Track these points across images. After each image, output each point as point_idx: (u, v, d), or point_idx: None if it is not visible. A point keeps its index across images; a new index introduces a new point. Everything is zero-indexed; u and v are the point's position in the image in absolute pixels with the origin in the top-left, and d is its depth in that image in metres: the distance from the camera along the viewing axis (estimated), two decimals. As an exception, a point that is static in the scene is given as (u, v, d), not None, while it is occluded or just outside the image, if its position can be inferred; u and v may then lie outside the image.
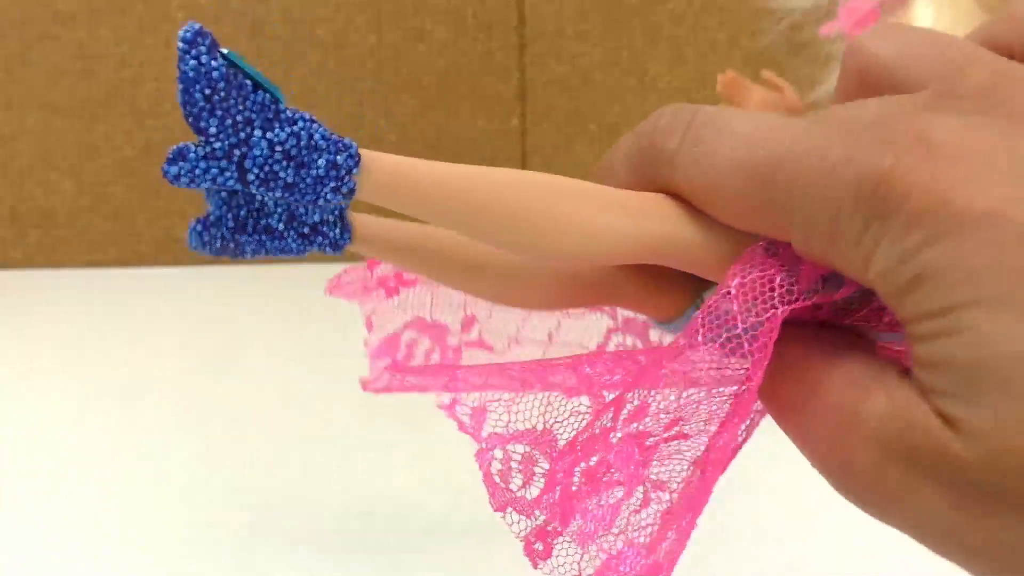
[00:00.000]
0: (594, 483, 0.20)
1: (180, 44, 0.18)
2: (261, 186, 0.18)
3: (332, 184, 0.19)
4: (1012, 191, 0.16)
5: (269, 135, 0.18)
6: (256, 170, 0.18)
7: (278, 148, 0.18)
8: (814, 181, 0.18)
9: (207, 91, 0.18)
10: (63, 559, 0.41)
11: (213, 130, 0.18)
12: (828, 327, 0.19)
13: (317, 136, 0.19)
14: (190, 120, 0.18)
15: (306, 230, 0.20)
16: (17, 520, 0.44)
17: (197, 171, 0.18)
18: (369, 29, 0.88)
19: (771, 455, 0.26)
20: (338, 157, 0.19)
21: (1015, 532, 0.15)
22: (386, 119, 0.90)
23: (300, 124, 0.19)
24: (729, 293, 0.19)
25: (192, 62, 0.18)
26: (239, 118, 0.18)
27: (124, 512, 0.45)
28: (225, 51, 0.19)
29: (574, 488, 0.20)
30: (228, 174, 0.18)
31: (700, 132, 0.20)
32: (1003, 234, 0.16)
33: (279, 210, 0.20)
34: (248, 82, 0.19)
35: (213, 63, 0.18)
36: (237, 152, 0.18)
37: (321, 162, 0.19)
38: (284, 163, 0.18)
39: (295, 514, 0.45)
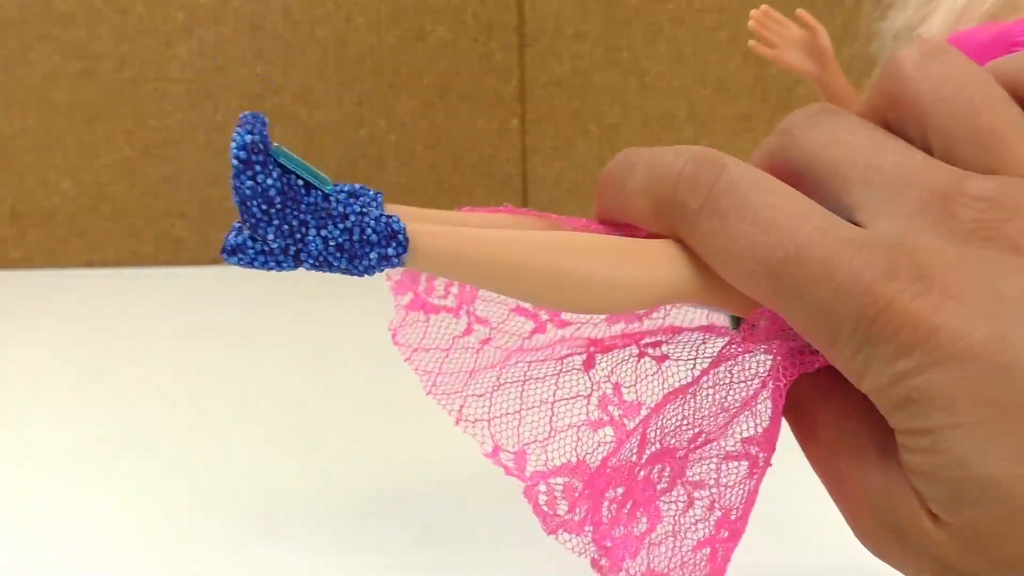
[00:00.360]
0: (619, 511, 0.23)
1: (234, 162, 0.19)
2: (315, 270, 0.20)
3: (381, 269, 0.20)
4: (993, 329, 0.18)
5: (323, 232, 0.20)
6: (311, 261, 0.20)
7: (332, 243, 0.20)
8: (820, 294, 0.20)
9: (264, 206, 0.19)
10: (63, 559, 0.41)
11: (271, 237, 0.20)
12: (849, 406, 0.22)
13: (368, 231, 0.20)
14: (247, 227, 0.20)
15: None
16: (17, 521, 0.44)
17: (256, 263, 0.20)
18: (369, 29, 0.88)
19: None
20: (388, 249, 0.20)
21: None
22: (386, 119, 0.90)
23: (352, 219, 0.20)
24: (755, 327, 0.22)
25: (249, 183, 0.19)
26: (295, 222, 0.20)
27: (124, 512, 0.45)
28: (276, 151, 0.20)
29: (604, 514, 0.23)
30: (285, 265, 0.20)
31: (722, 203, 0.21)
32: (982, 369, 0.18)
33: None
34: (300, 182, 0.20)
35: (268, 181, 0.19)
36: (293, 248, 0.20)
37: (373, 255, 0.20)
38: (337, 255, 0.20)
39: (295, 514, 0.45)
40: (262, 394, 0.59)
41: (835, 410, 0.22)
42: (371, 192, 0.22)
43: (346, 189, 0.22)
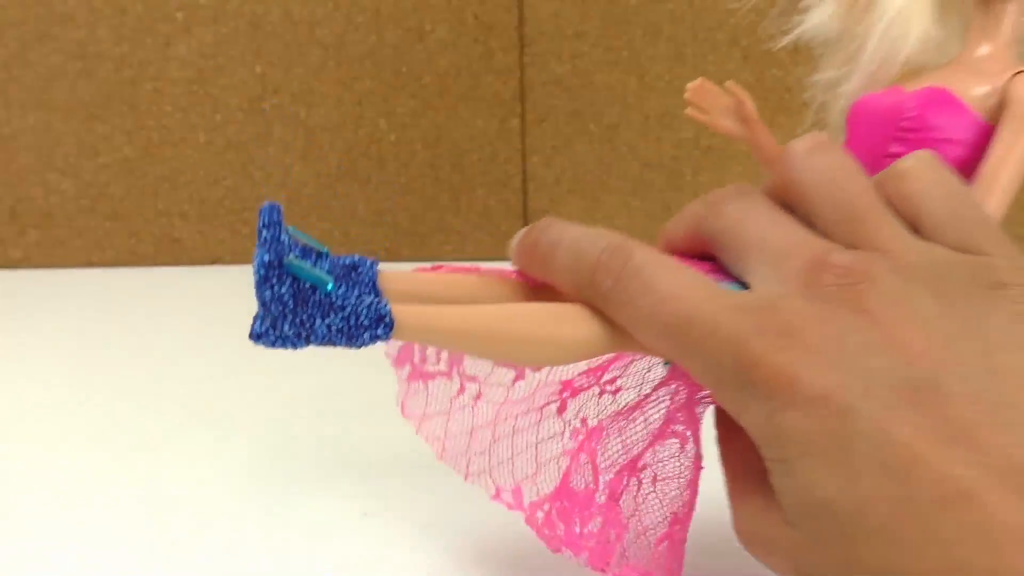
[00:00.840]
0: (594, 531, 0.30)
1: (255, 277, 0.26)
2: (322, 346, 0.26)
3: (374, 343, 0.27)
4: (838, 378, 0.23)
5: (327, 321, 0.26)
6: (318, 342, 0.26)
7: (334, 328, 0.26)
8: (708, 348, 0.25)
9: (280, 308, 0.26)
10: (63, 558, 0.41)
11: (287, 328, 0.26)
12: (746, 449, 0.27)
13: (362, 317, 0.26)
14: (268, 321, 0.26)
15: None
16: (17, 521, 0.44)
17: (276, 344, 0.26)
18: (369, 29, 0.88)
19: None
20: (378, 330, 0.26)
21: None
22: (386, 119, 0.90)
23: (348, 309, 0.26)
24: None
25: (267, 292, 0.26)
26: (304, 316, 0.26)
27: (124, 511, 0.45)
28: (288, 264, 0.26)
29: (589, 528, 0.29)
30: (299, 345, 0.26)
31: (629, 284, 0.27)
32: (827, 410, 0.23)
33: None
34: (308, 286, 0.26)
35: (283, 290, 0.25)
36: (304, 334, 0.26)
37: (366, 335, 0.26)
38: (339, 336, 0.26)
39: (295, 514, 0.45)
40: (262, 394, 0.59)
41: (740, 441, 0.26)
42: (368, 261, 0.29)
43: (346, 262, 0.29)
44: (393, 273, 0.30)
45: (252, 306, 0.26)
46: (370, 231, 0.92)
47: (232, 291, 0.83)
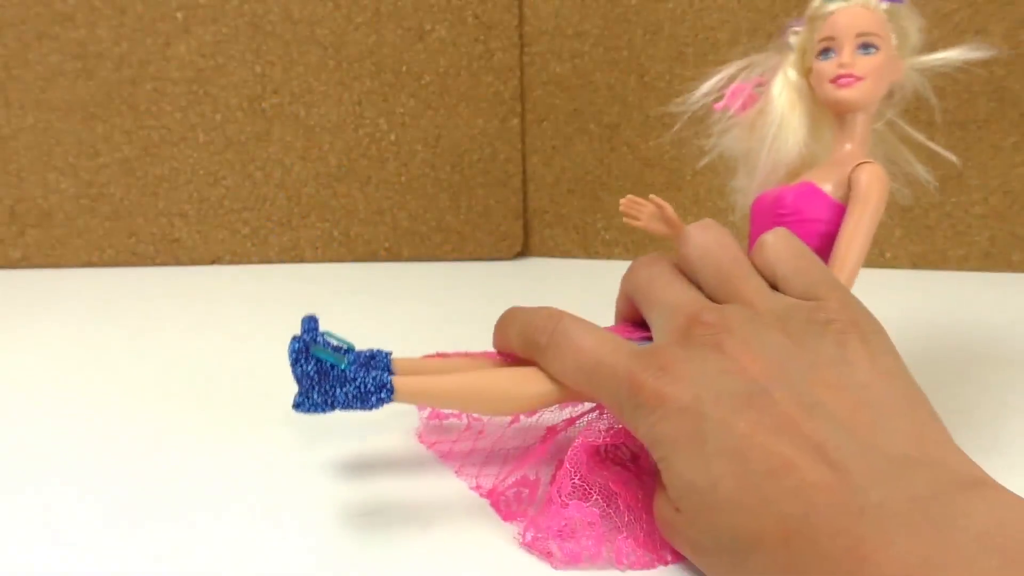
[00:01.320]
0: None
1: (289, 359, 0.38)
2: (343, 410, 0.37)
3: (379, 406, 0.38)
4: (696, 393, 0.32)
5: (344, 390, 0.37)
6: (339, 406, 0.37)
7: (349, 395, 0.37)
8: (611, 383, 0.35)
9: (309, 382, 0.37)
10: (62, 557, 0.41)
11: (316, 397, 0.37)
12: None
13: (369, 386, 0.37)
14: (302, 393, 0.38)
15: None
16: (17, 521, 0.44)
17: (309, 411, 0.37)
18: (369, 28, 0.88)
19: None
20: (382, 395, 0.37)
21: (713, 560, 0.32)
22: (386, 118, 0.90)
23: (358, 381, 0.37)
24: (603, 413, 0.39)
25: (299, 370, 0.37)
26: (327, 387, 0.37)
27: (123, 510, 0.45)
28: (315, 350, 0.37)
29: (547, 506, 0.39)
30: (326, 410, 0.37)
31: (559, 339, 0.38)
32: (689, 417, 0.32)
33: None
34: (329, 365, 0.37)
35: (310, 368, 0.37)
36: (329, 400, 0.37)
37: (374, 399, 0.37)
38: (354, 401, 0.37)
39: (296, 514, 0.45)
40: (261, 393, 0.59)
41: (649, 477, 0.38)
42: (383, 352, 0.43)
43: (366, 354, 0.43)
44: (403, 359, 0.44)
45: (251, 306, 0.26)
46: (370, 231, 0.92)
47: (232, 291, 0.83)
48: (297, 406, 0.38)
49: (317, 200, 0.91)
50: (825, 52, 0.49)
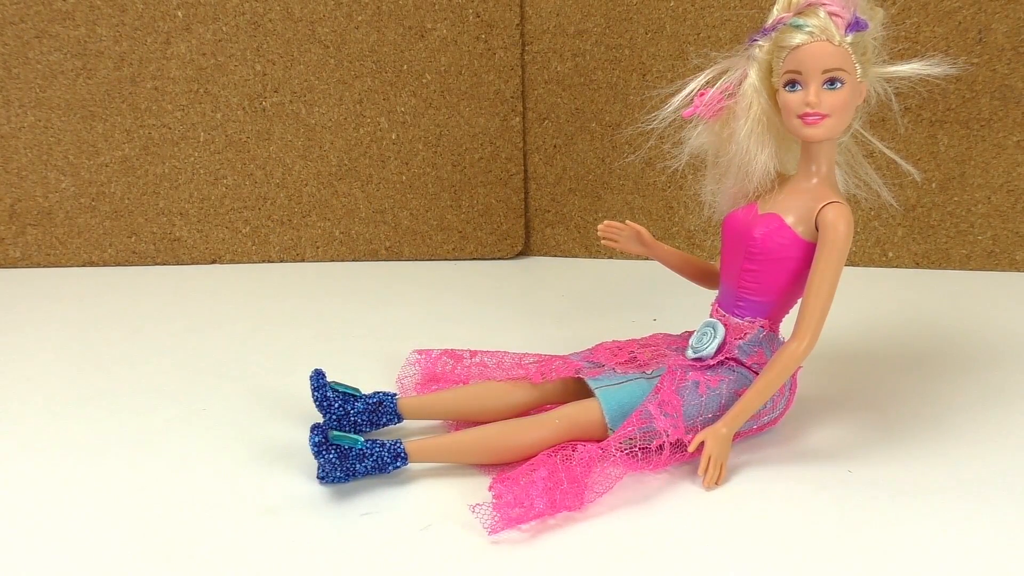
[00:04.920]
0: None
1: (312, 450, 0.46)
2: (364, 478, 0.48)
3: (397, 469, 0.49)
4: None
5: (363, 464, 0.48)
6: (360, 477, 0.48)
7: (368, 467, 0.48)
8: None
9: (331, 466, 0.47)
10: (62, 555, 0.40)
11: (339, 475, 0.47)
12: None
13: (386, 456, 0.48)
14: (326, 473, 0.47)
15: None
16: (17, 519, 0.44)
17: (334, 483, 0.47)
18: (370, 27, 0.88)
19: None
20: (398, 462, 0.48)
21: None
22: (387, 117, 0.90)
23: (375, 454, 0.48)
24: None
25: (322, 459, 0.46)
26: (348, 465, 0.47)
27: (123, 507, 0.44)
28: (333, 437, 0.47)
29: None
30: (349, 481, 0.48)
31: None
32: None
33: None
34: (347, 447, 0.47)
35: (332, 455, 0.47)
36: (351, 474, 0.47)
37: (391, 467, 0.48)
38: (373, 470, 0.48)
39: (296, 514, 0.45)
40: (261, 392, 0.59)
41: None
42: (389, 395, 0.54)
43: (372, 399, 0.53)
44: (408, 399, 0.54)
45: (251, 306, 0.26)
46: (371, 230, 0.92)
47: (232, 290, 0.83)
48: (322, 479, 0.47)
49: (318, 199, 0.91)
50: (791, 84, 0.50)
